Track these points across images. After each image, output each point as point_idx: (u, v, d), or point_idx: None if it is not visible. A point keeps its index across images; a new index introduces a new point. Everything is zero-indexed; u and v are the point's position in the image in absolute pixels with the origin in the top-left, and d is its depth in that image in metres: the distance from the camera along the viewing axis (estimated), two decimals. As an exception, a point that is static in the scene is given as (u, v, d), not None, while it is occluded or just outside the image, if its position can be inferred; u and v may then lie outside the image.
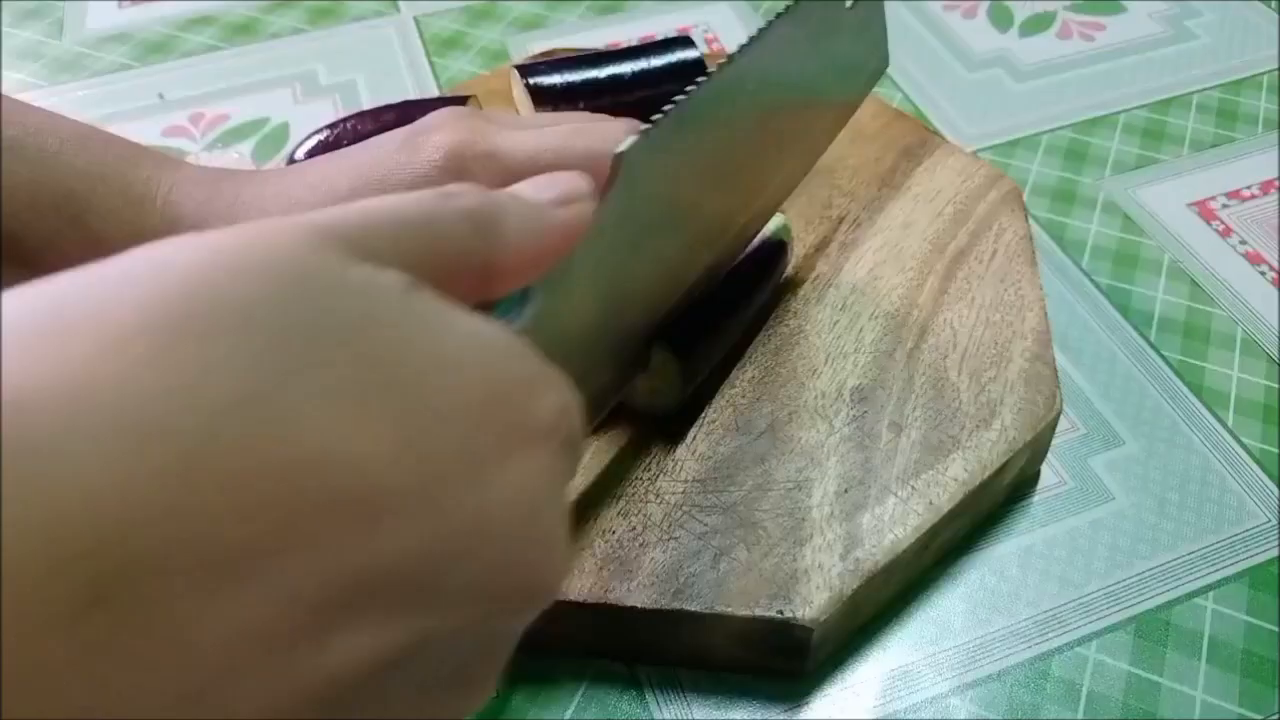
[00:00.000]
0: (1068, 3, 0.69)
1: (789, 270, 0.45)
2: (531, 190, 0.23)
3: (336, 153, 0.35)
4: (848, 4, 0.39)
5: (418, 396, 0.16)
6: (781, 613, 0.34)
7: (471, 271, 0.21)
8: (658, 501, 0.38)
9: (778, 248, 0.43)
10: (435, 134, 0.33)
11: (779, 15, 0.35)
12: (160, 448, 0.13)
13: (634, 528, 0.37)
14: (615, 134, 0.35)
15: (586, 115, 0.36)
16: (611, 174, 0.28)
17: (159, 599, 0.13)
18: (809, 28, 0.37)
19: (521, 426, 0.18)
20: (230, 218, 0.34)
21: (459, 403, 0.17)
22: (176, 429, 0.13)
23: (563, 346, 0.27)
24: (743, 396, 0.41)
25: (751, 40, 0.34)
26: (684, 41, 0.50)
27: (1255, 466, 0.43)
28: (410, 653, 0.16)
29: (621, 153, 0.28)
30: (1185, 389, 0.46)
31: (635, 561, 0.36)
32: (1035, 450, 0.41)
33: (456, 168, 0.33)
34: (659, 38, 0.52)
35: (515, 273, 0.22)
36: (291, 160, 0.46)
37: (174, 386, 0.14)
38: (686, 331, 0.38)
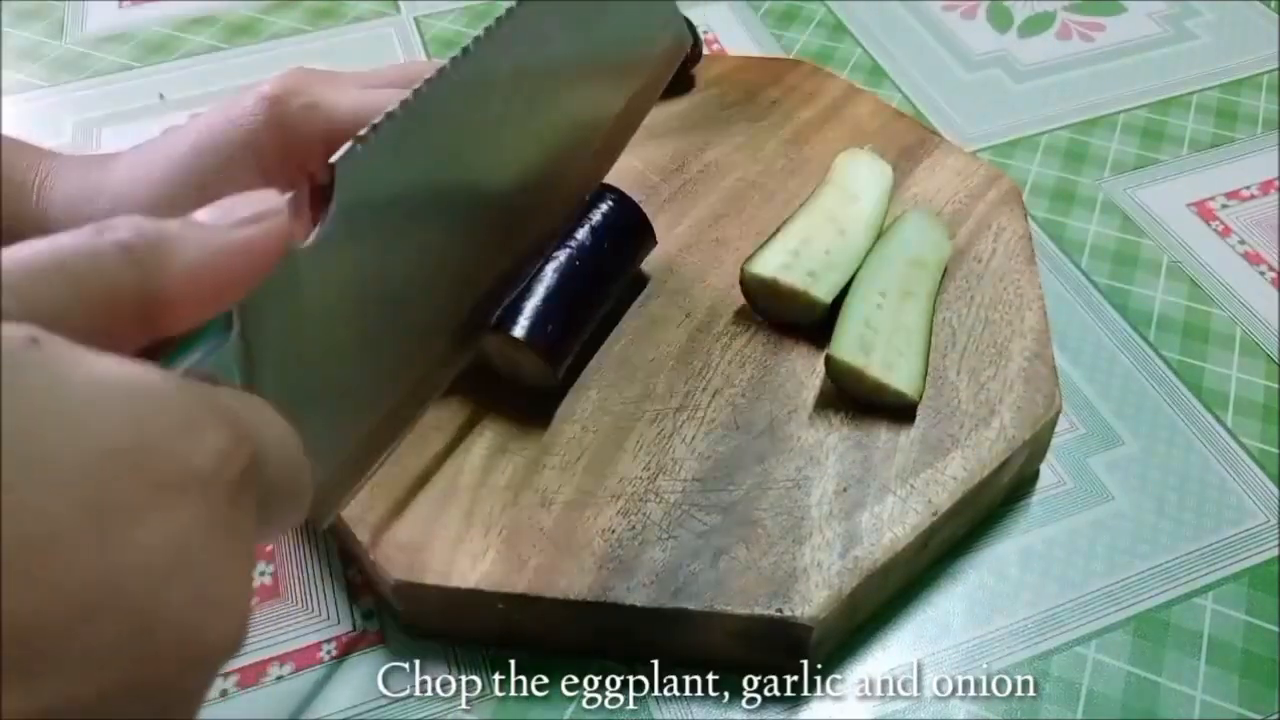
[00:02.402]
0: (1067, 3, 0.69)
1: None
2: (210, 213, 0.22)
3: (180, 126, 0.35)
4: None
5: (30, 456, 0.16)
6: (781, 611, 0.34)
7: (134, 307, 0.20)
8: (658, 501, 0.38)
9: (615, 207, 0.43)
10: (260, 86, 0.33)
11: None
12: None
13: (634, 527, 0.37)
14: None
15: (422, 70, 0.35)
16: (329, 183, 0.27)
17: None
18: (563, 9, 0.36)
19: (168, 475, 0.17)
20: (87, 206, 0.34)
21: (81, 458, 0.16)
22: None
23: (308, 364, 0.27)
24: (742, 396, 0.41)
25: (494, 25, 0.33)
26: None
27: (1255, 466, 0.43)
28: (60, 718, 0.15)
29: (335, 162, 0.27)
30: (1184, 389, 0.46)
31: (635, 560, 0.36)
32: (1034, 449, 0.41)
33: (278, 118, 0.33)
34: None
35: (193, 303, 0.21)
36: None
37: None
38: (526, 313, 0.38)
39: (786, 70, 0.57)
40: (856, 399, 0.40)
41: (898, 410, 0.40)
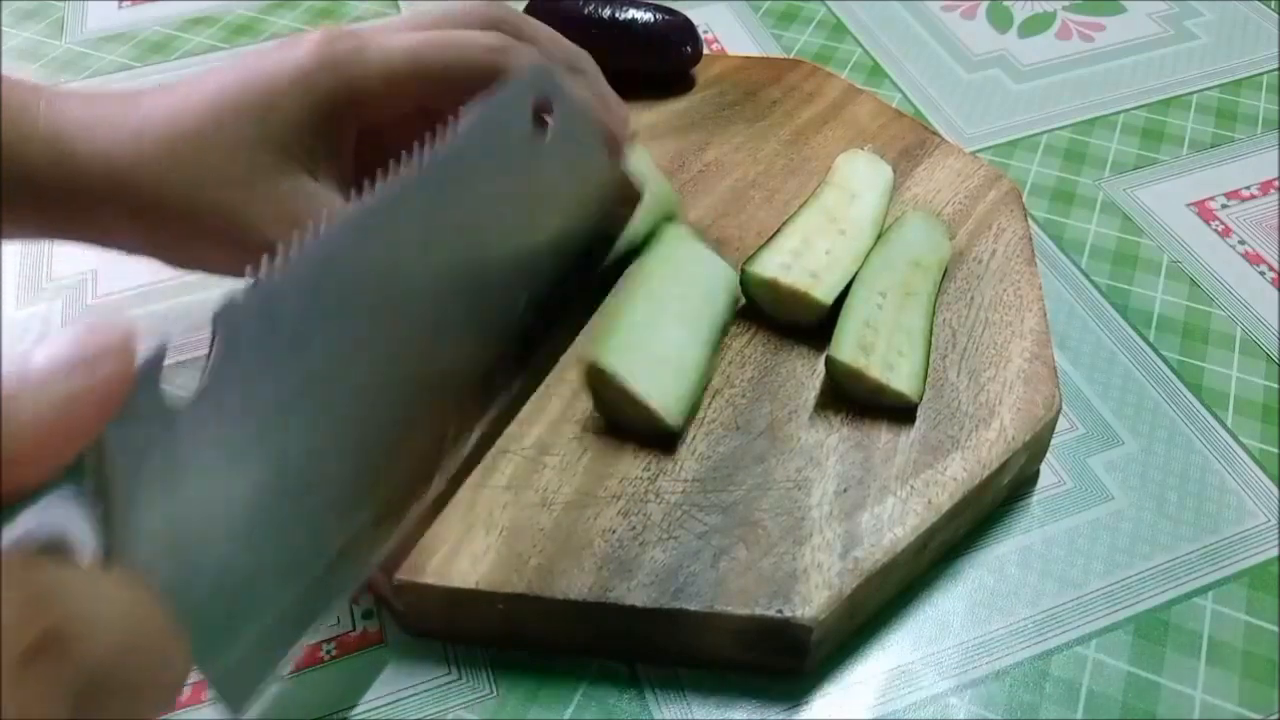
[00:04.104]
0: (1067, 3, 0.69)
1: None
2: (45, 359, 0.20)
3: (222, 65, 0.35)
4: (541, 133, 0.36)
5: None
6: (781, 612, 0.34)
7: None
8: (658, 501, 0.38)
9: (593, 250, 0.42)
10: (306, 34, 0.34)
11: (452, 133, 0.32)
12: None
13: (634, 527, 0.37)
14: (470, 47, 0.34)
15: (466, 10, 0.34)
16: (211, 336, 0.26)
17: None
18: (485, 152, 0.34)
19: None
20: (107, 133, 0.34)
21: None
22: None
23: (195, 537, 0.25)
24: (742, 396, 0.41)
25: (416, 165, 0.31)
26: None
27: (1254, 466, 0.43)
28: None
29: (217, 314, 0.26)
30: (1184, 389, 0.46)
31: (635, 561, 0.36)
32: (1034, 450, 0.41)
33: (331, 59, 0.33)
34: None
35: (33, 460, 0.20)
36: None
37: None
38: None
39: (786, 70, 0.57)
40: (857, 399, 0.40)
41: (898, 411, 0.40)
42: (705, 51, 0.57)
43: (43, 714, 0.18)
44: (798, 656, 0.36)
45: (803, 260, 0.43)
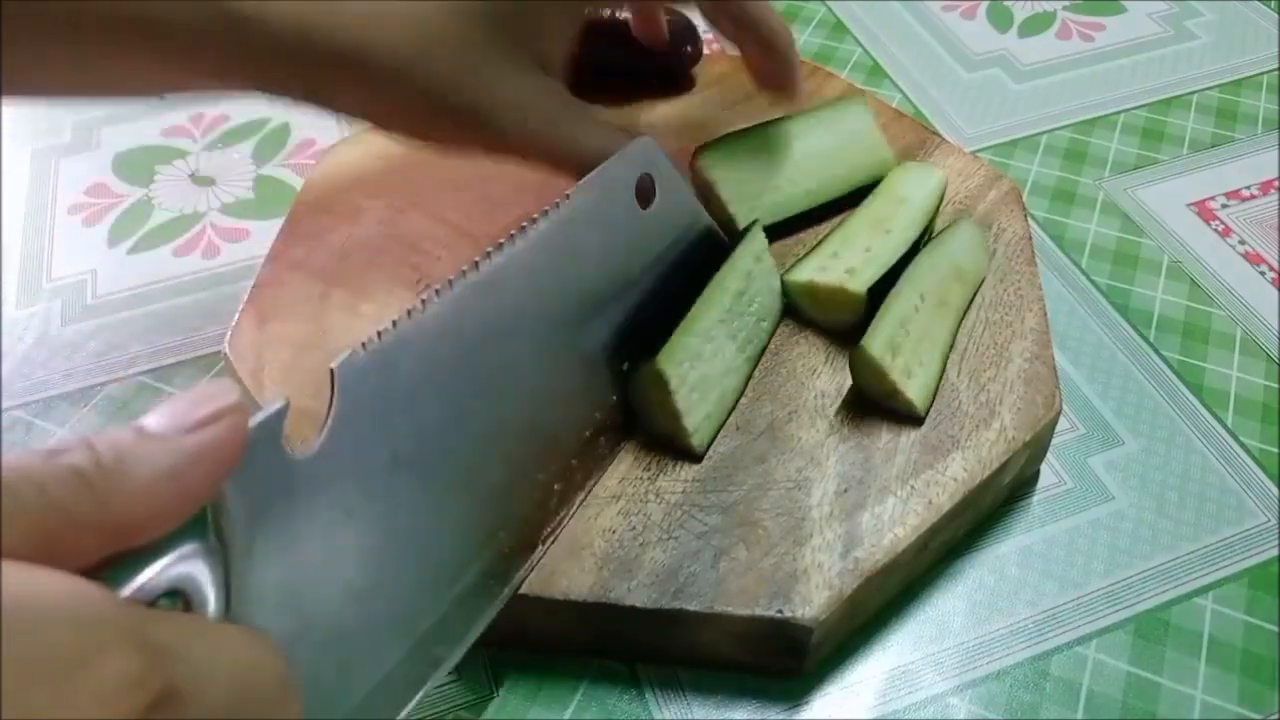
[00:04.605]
0: (1067, 3, 0.69)
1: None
2: (163, 420, 0.21)
3: None
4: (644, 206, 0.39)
5: None
6: (781, 612, 0.34)
7: (89, 531, 0.19)
8: (658, 501, 0.38)
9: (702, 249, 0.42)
10: None
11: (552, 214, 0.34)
12: None
13: (634, 527, 0.37)
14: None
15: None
16: (330, 392, 0.26)
17: None
18: (591, 225, 0.36)
19: (60, 696, 0.17)
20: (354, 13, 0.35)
21: None
22: None
23: (309, 594, 0.25)
24: (743, 396, 0.41)
25: (516, 236, 0.33)
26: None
27: (1255, 466, 0.43)
28: None
29: (335, 368, 0.26)
30: (1184, 389, 0.46)
31: (635, 561, 0.36)
32: (1034, 450, 0.41)
33: None
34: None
35: (152, 520, 0.20)
36: None
37: None
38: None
39: (786, 70, 0.57)
40: (861, 397, 0.40)
41: (899, 413, 0.40)
42: (705, 51, 0.57)
43: None
44: (798, 657, 0.36)
45: (841, 260, 0.43)
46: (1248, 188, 0.56)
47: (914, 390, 0.39)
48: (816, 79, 0.56)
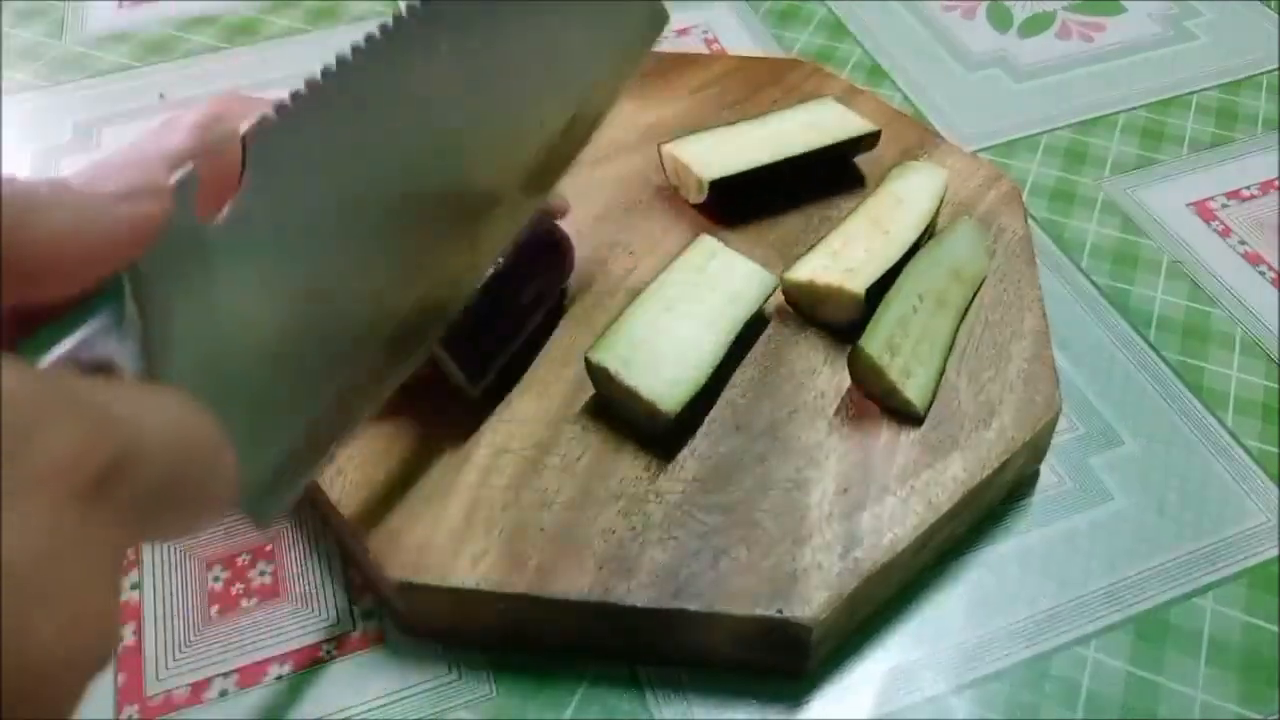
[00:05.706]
0: (1067, 3, 0.69)
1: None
2: (89, 181, 0.21)
3: (107, 158, 0.34)
4: None
5: None
6: (781, 612, 0.34)
7: None
8: (658, 501, 0.38)
9: (545, 242, 0.43)
10: (186, 114, 0.30)
11: None
12: None
13: (634, 527, 0.37)
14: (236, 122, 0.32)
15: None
16: (242, 161, 0.26)
17: None
18: None
19: (7, 486, 0.16)
20: None
21: None
22: None
23: (227, 358, 0.25)
24: (743, 396, 0.41)
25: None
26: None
27: (1255, 466, 0.43)
28: None
29: (245, 135, 0.26)
30: (1184, 389, 0.46)
31: (635, 561, 0.36)
32: (1034, 450, 0.41)
33: (209, 147, 0.30)
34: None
35: (58, 270, 0.20)
36: None
37: None
38: (462, 330, 0.38)
39: (786, 70, 0.57)
40: (861, 397, 0.40)
41: (899, 413, 0.40)
42: (705, 51, 0.57)
43: (119, 541, 0.18)
44: (798, 656, 0.36)
45: (840, 260, 0.43)
46: (1247, 188, 0.56)
47: (912, 390, 0.39)
48: (816, 79, 0.56)
